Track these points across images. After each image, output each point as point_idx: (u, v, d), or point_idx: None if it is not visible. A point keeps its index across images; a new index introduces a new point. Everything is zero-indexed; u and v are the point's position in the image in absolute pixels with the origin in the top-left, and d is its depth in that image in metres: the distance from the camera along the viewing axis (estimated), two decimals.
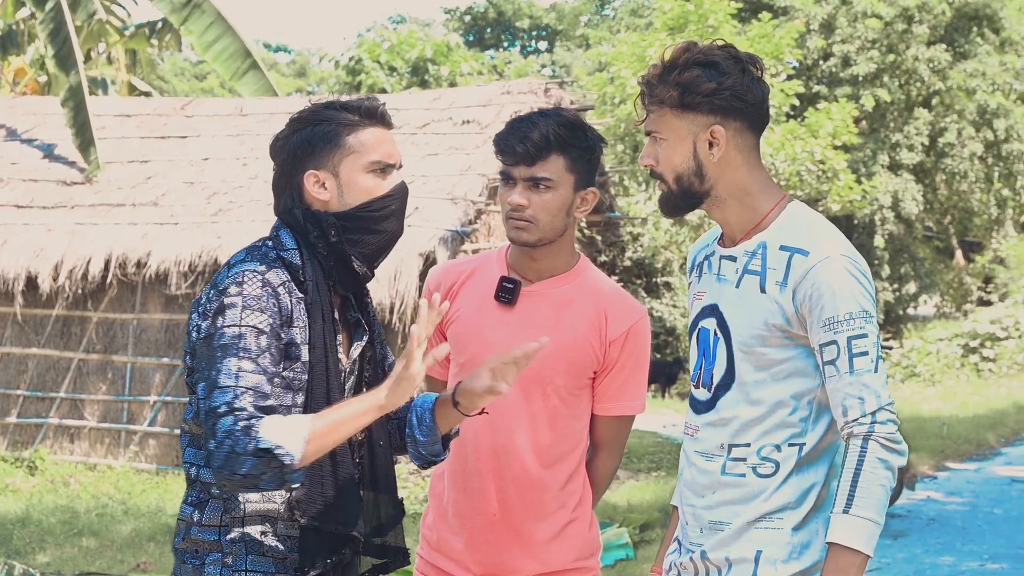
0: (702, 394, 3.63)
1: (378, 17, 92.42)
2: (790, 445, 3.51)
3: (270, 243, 3.50)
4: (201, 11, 16.52)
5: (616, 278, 24.70)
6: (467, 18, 60.39)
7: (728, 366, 3.55)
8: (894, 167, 30.10)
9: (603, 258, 24.05)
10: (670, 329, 26.05)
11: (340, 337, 3.51)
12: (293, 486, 3.26)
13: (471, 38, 59.02)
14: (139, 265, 14.54)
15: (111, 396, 14.80)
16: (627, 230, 24.48)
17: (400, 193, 3.50)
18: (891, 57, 29.15)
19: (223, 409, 3.18)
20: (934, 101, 30.67)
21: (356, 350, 3.56)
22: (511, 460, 3.93)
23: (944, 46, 29.63)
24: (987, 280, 37.96)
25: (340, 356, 3.50)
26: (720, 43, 3.58)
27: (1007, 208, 32.34)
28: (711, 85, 3.49)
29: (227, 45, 16.53)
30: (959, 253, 39.23)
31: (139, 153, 16.46)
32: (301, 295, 3.43)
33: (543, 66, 53.46)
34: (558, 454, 3.96)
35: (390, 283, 13.44)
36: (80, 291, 14.75)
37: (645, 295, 26.18)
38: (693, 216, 22.01)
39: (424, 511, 4.14)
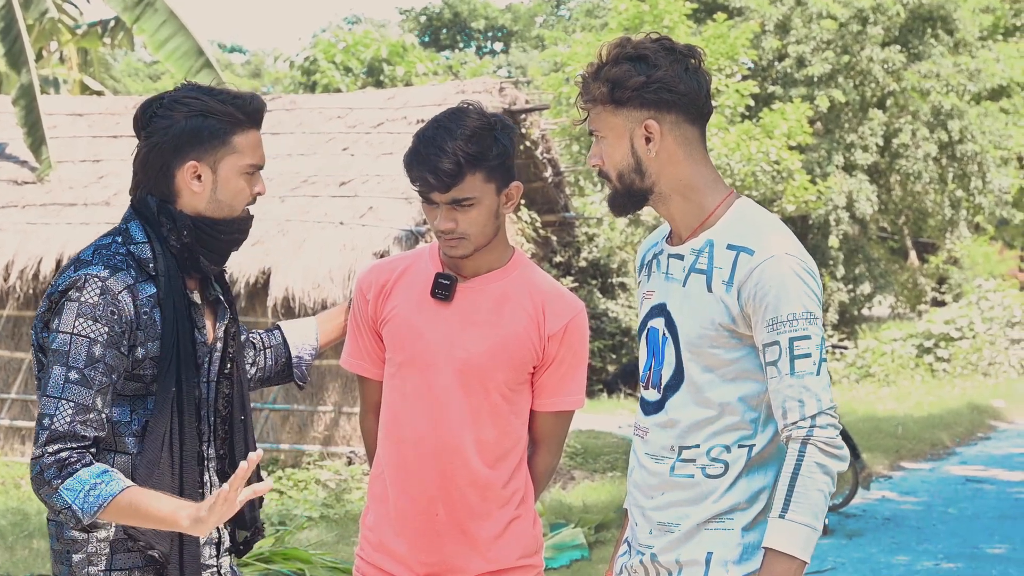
0: (651, 395, 3.59)
1: (333, 17, 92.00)
2: (740, 446, 3.47)
3: (119, 238, 3.56)
4: (154, 9, 16.41)
5: (571, 279, 24.67)
6: (423, 19, 60.24)
7: (677, 366, 3.51)
8: (849, 168, 30.17)
9: (558, 258, 24.02)
10: (625, 330, 25.99)
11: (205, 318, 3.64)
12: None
13: (427, 39, 58.90)
14: None
15: None
16: (582, 230, 24.44)
17: (251, 218, 3.66)
18: (846, 58, 29.24)
19: (46, 422, 3.32)
20: (888, 102, 30.76)
21: (220, 328, 3.68)
22: (454, 459, 3.88)
23: (898, 47, 29.71)
24: (941, 281, 38.13)
25: (206, 335, 3.61)
26: (654, 36, 3.53)
27: (961, 209, 32.41)
28: (640, 79, 3.44)
29: (180, 44, 16.43)
30: (913, 254, 39.40)
31: (91, 152, 16.33)
32: (152, 292, 3.49)
33: (499, 67, 53.38)
34: (501, 451, 3.92)
35: (344, 283, 13.40)
36: (31, 291, 14.62)
37: (600, 296, 26.12)
38: (648, 216, 22.03)
39: (363, 512, 4.08)
